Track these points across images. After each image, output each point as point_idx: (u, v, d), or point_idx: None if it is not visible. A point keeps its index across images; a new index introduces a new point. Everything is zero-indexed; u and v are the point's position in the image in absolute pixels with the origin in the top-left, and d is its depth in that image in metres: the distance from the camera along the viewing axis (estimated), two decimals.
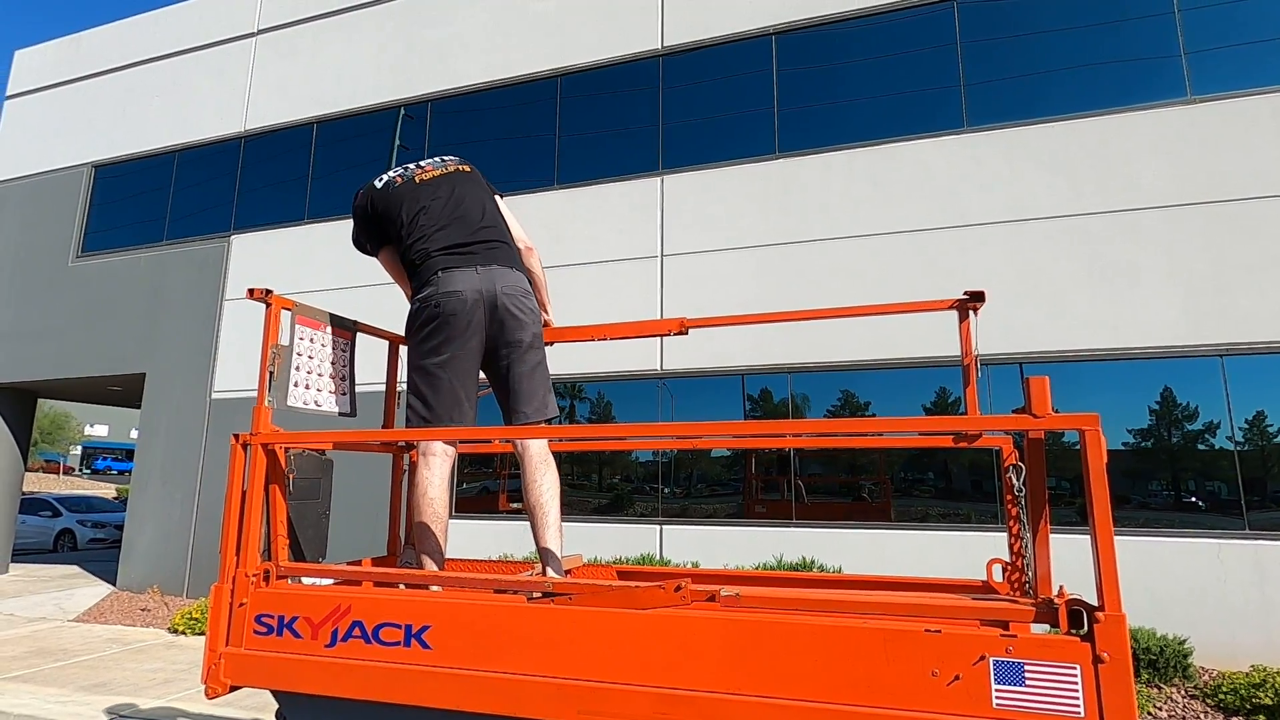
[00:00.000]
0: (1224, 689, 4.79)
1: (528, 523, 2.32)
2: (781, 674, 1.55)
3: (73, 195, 11.03)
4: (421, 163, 2.67)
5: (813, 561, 5.95)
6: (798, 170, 7.31)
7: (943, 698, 1.45)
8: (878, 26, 7.37)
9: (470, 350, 2.39)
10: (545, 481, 2.29)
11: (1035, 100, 6.75)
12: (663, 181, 7.73)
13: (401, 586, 2.17)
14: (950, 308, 2.41)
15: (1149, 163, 6.25)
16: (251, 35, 10.30)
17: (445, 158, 2.71)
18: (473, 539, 7.13)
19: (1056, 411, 1.59)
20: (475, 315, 2.36)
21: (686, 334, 2.73)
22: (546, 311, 2.71)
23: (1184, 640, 5.14)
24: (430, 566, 2.29)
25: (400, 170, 2.64)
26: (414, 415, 2.38)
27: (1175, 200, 6.12)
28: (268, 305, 2.24)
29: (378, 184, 2.59)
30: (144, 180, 10.72)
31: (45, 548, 14.35)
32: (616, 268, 7.72)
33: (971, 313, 2.35)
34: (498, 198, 2.70)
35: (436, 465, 2.33)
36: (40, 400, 12.78)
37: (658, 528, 7.06)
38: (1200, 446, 5.98)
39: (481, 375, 2.49)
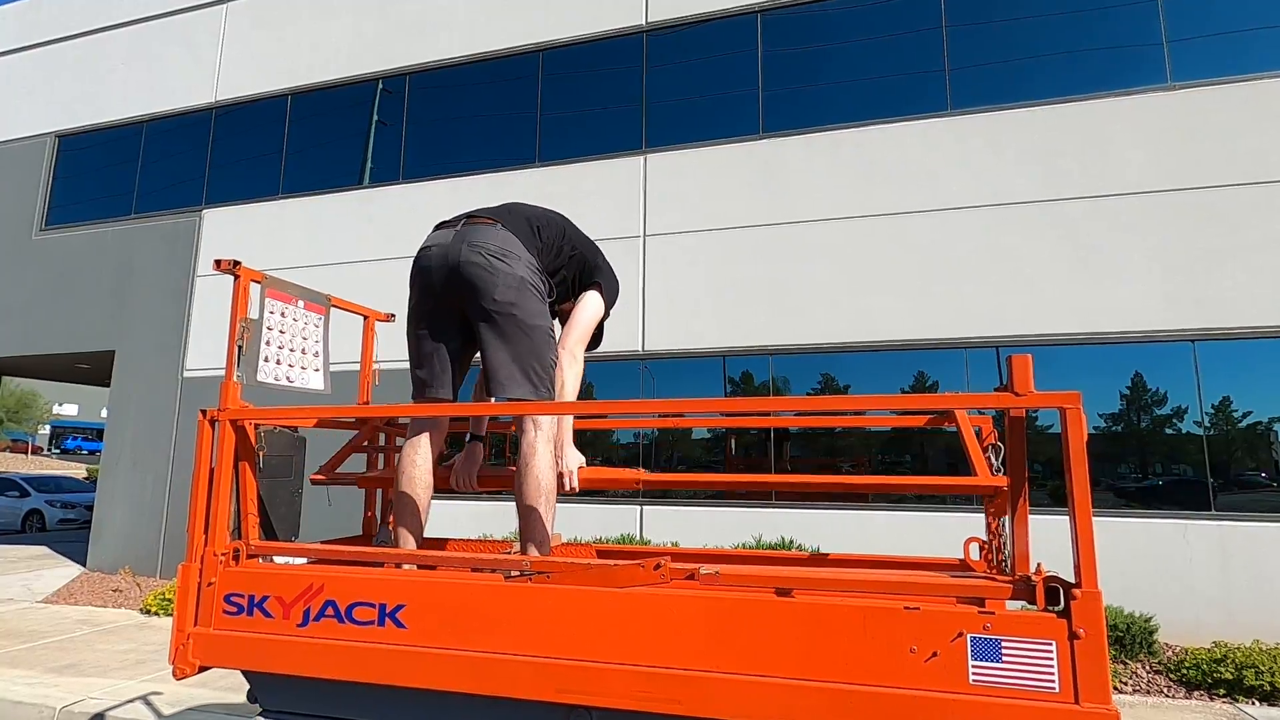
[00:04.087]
0: (1187, 664, 4.93)
1: (505, 501, 2.25)
2: (760, 651, 1.55)
3: (35, 166, 10.64)
4: None
5: (791, 541, 6.00)
6: (782, 151, 7.26)
7: (921, 674, 1.46)
8: (863, 8, 7.31)
9: (424, 312, 2.26)
10: (528, 475, 2.13)
11: (1018, 84, 6.75)
12: (646, 160, 7.65)
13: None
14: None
15: (1128, 148, 6.29)
16: (222, 2, 9.96)
17: None
18: (452, 519, 7.08)
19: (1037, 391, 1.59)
20: (429, 277, 2.22)
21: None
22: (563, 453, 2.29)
23: (1150, 617, 5.28)
24: (408, 544, 2.25)
25: None
26: None
27: (1153, 186, 6.18)
28: (236, 277, 2.17)
29: None
30: (110, 152, 10.37)
31: (12, 528, 14.04)
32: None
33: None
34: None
35: (417, 441, 2.27)
36: (6, 378, 12.44)
37: (638, 508, 7.07)
38: (1169, 430, 6.10)
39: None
